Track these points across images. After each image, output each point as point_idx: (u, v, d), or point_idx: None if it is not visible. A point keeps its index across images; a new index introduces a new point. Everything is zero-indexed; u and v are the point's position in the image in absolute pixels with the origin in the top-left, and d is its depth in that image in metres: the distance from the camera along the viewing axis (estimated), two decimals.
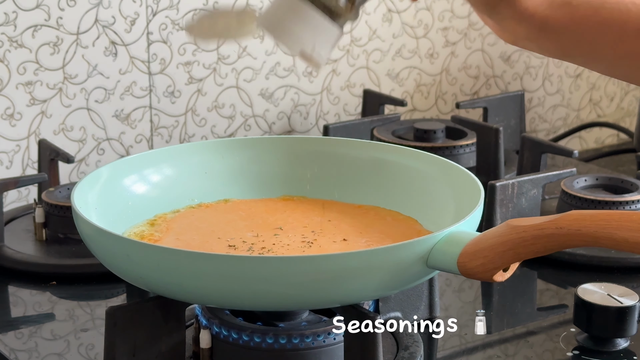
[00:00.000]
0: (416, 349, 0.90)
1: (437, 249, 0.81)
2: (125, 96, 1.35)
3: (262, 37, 1.42)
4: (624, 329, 0.93)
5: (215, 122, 1.42)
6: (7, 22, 1.26)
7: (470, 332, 0.97)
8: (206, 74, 1.40)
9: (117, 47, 1.33)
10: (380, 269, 0.80)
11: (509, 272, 0.80)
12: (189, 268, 0.79)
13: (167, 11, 1.35)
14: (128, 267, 0.84)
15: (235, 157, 1.06)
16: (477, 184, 0.93)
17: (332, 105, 1.51)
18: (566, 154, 1.30)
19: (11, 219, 1.21)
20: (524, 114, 1.53)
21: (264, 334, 0.86)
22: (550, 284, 1.13)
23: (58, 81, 1.31)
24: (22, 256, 1.11)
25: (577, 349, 0.94)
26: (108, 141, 1.35)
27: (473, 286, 1.08)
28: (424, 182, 1.00)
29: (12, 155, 1.30)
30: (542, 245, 0.77)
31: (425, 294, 0.97)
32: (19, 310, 1.05)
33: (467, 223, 0.85)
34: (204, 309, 0.89)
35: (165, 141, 1.39)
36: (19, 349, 0.96)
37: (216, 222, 0.98)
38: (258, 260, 0.82)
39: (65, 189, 1.17)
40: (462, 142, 1.38)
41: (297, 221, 0.98)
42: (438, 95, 1.60)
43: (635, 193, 1.18)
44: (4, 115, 1.28)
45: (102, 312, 0.91)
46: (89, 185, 0.95)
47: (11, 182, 1.15)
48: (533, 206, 1.15)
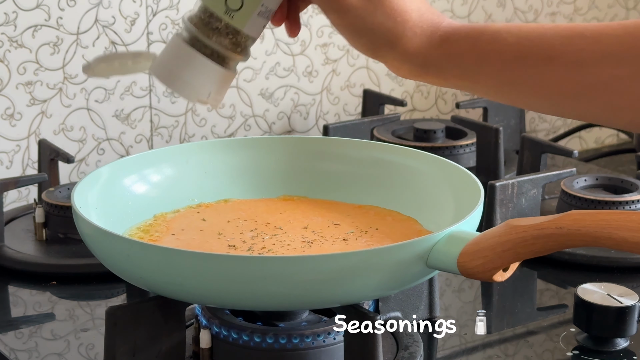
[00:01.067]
0: (416, 349, 0.90)
1: (437, 249, 0.81)
2: (125, 96, 1.35)
3: (262, 37, 1.42)
4: (624, 329, 0.93)
5: (215, 122, 1.42)
6: (7, 22, 1.26)
7: (470, 332, 0.97)
8: None
9: (117, 47, 1.33)
10: (380, 269, 0.80)
11: (509, 272, 0.80)
12: (189, 268, 0.79)
13: (167, 11, 1.35)
14: (128, 267, 0.84)
15: (235, 157, 1.06)
16: (477, 184, 0.93)
17: (332, 105, 1.51)
18: (566, 154, 1.30)
19: (11, 219, 1.21)
20: (523, 114, 1.53)
21: (264, 334, 0.86)
22: (550, 284, 1.13)
23: (58, 81, 1.31)
24: (22, 256, 1.11)
25: (577, 348, 0.94)
26: (108, 141, 1.35)
27: (473, 286, 1.08)
28: (424, 182, 1.00)
29: (12, 155, 1.30)
30: (542, 245, 0.77)
31: (425, 294, 0.97)
32: (19, 310, 1.05)
33: (467, 223, 0.85)
34: (204, 309, 0.89)
35: (165, 141, 1.39)
36: (19, 349, 0.96)
37: (216, 222, 0.98)
38: (258, 260, 0.82)
39: (65, 189, 1.17)
40: (462, 142, 1.38)
41: (297, 221, 0.98)
42: (438, 95, 1.60)
43: (635, 193, 1.18)
44: (4, 115, 1.28)
45: (102, 312, 0.91)
46: (89, 185, 0.95)
47: (11, 182, 1.15)
48: (533, 206, 1.15)
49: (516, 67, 0.76)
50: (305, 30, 1.45)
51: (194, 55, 0.81)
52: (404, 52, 0.78)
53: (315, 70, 1.48)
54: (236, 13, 0.80)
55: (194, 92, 0.81)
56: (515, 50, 0.75)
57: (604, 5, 1.72)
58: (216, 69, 0.81)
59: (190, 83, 0.81)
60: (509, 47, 0.76)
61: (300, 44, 1.46)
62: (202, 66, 0.81)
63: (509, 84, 0.77)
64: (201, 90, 0.81)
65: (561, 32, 0.75)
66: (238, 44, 0.81)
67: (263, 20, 0.81)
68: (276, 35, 1.44)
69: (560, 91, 0.75)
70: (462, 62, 0.77)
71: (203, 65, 0.81)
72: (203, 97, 0.81)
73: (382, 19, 0.77)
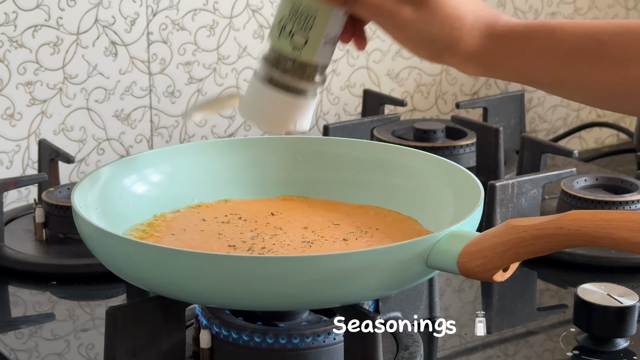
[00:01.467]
0: (416, 349, 0.90)
1: (437, 249, 0.81)
2: (125, 96, 1.35)
3: (262, 37, 1.42)
4: (624, 329, 0.93)
5: (215, 122, 1.42)
6: (7, 22, 1.26)
7: (470, 332, 0.97)
8: (206, 74, 1.40)
9: (117, 47, 1.33)
10: (380, 269, 0.80)
11: (509, 272, 0.80)
12: (189, 268, 0.79)
13: (167, 11, 1.35)
14: (128, 267, 0.84)
15: (235, 157, 1.06)
16: (477, 184, 0.93)
17: (332, 105, 1.51)
18: (566, 154, 1.30)
19: (11, 219, 1.21)
20: (523, 114, 1.53)
21: (264, 334, 0.86)
22: (550, 284, 1.13)
23: (58, 81, 1.31)
24: (22, 256, 1.11)
25: (577, 349, 0.94)
26: (108, 141, 1.35)
27: (473, 286, 1.08)
28: (424, 182, 1.00)
29: (12, 155, 1.30)
30: (542, 245, 0.78)
31: (425, 294, 0.97)
32: (19, 310, 1.05)
33: (467, 223, 0.85)
34: (204, 309, 0.89)
35: (165, 141, 1.39)
36: (19, 349, 0.96)
37: (216, 222, 0.98)
38: (258, 260, 0.82)
39: (65, 189, 1.17)
40: (462, 142, 1.38)
41: (297, 221, 0.98)
42: (438, 95, 1.60)
43: (635, 193, 1.18)
44: (4, 115, 1.28)
45: (102, 312, 0.91)
46: (89, 185, 0.95)
47: (11, 182, 1.15)
48: (533, 206, 1.15)
49: (569, 65, 0.77)
50: None
51: (272, 93, 0.84)
52: (465, 55, 0.79)
53: None
54: (303, 48, 0.82)
55: (281, 127, 0.85)
56: (567, 48, 0.77)
57: (604, 5, 1.72)
58: (296, 101, 0.84)
59: (275, 119, 0.85)
60: (562, 45, 0.77)
61: None
62: (282, 102, 0.84)
63: (564, 81, 0.79)
64: (287, 123, 0.85)
65: (611, 29, 0.77)
66: (312, 74, 0.84)
67: (330, 46, 0.83)
68: None
69: (609, 88, 0.77)
70: (519, 61, 0.79)
71: (282, 100, 0.84)
72: (290, 129, 0.85)
73: (439, 27, 0.78)
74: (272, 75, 0.84)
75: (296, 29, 0.82)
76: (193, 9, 1.37)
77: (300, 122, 0.85)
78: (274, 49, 0.83)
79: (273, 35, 0.83)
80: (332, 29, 0.82)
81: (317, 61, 0.83)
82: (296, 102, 0.84)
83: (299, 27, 0.81)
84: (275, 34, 0.83)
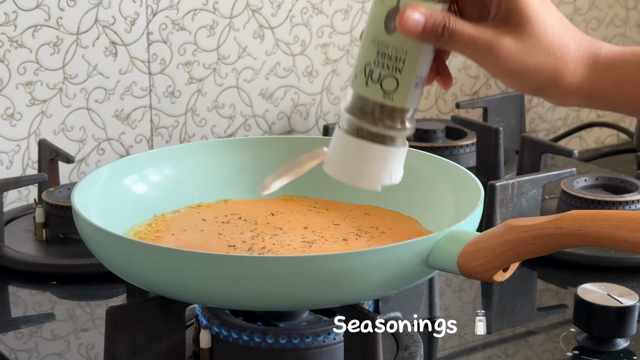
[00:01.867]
0: (416, 349, 0.90)
1: (437, 249, 0.81)
2: (125, 96, 1.35)
3: (262, 37, 1.42)
4: (624, 329, 0.93)
5: (215, 122, 1.42)
6: (7, 22, 1.26)
7: (470, 332, 0.97)
8: (206, 74, 1.40)
9: (117, 47, 1.33)
10: (380, 269, 0.80)
11: (509, 272, 0.80)
12: (189, 268, 0.79)
13: (167, 11, 1.35)
14: (128, 267, 0.84)
15: (235, 157, 1.06)
16: (477, 184, 0.93)
17: (332, 105, 1.51)
18: (566, 154, 1.30)
19: (11, 219, 1.21)
20: (523, 114, 1.53)
21: (264, 334, 0.86)
22: (550, 284, 1.13)
23: (58, 81, 1.31)
24: (22, 256, 1.11)
25: (577, 349, 0.94)
26: (108, 141, 1.35)
27: (473, 286, 1.08)
28: (424, 182, 1.00)
29: (12, 155, 1.30)
30: (542, 245, 0.78)
31: (425, 294, 0.97)
32: (19, 310, 1.05)
33: (467, 223, 0.85)
34: (204, 309, 0.89)
35: (165, 141, 1.39)
36: (19, 349, 0.96)
37: (216, 222, 0.98)
38: (258, 260, 0.82)
39: (65, 189, 1.17)
40: (462, 142, 1.38)
41: (297, 221, 0.98)
42: (438, 95, 1.60)
43: (635, 193, 1.18)
44: (4, 115, 1.28)
45: (102, 312, 0.91)
46: (89, 185, 0.95)
47: (11, 182, 1.15)
48: (533, 206, 1.15)
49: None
50: (305, 30, 1.45)
51: (363, 146, 0.77)
52: (570, 86, 0.75)
53: (315, 71, 1.48)
54: (394, 94, 0.75)
55: (376, 180, 0.79)
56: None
57: (604, 5, 1.72)
58: (389, 151, 0.78)
59: (369, 174, 0.78)
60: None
61: (300, 44, 1.46)
62: (375, 153, 0.77)
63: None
64: (381, 176, 0.79)
65: None
66: (402, 120, 0.77)
67: (420, 88, 0.77)
68: (276, 35, 1.44)
69: None
70: (628, 88, 0.75)
71: (375, 152, 0.77)
72: (386, 182, 0.79)
73: (542, 58, 0.73)
74: (361, 126, 0.77)
75: (385, 73, 0.75)
76: (193, 9, 1.37)
77: (396, 173, 0.79)
78: (360, 98, 0.76)
79: (358, 84, 0.76)
80: (422, 69, 0.75)
81: (409, 105, 0.77)
82: (389, 152, 0.78)
83: (388, 70, 0.75)
84: (361, 82, 0.76)
